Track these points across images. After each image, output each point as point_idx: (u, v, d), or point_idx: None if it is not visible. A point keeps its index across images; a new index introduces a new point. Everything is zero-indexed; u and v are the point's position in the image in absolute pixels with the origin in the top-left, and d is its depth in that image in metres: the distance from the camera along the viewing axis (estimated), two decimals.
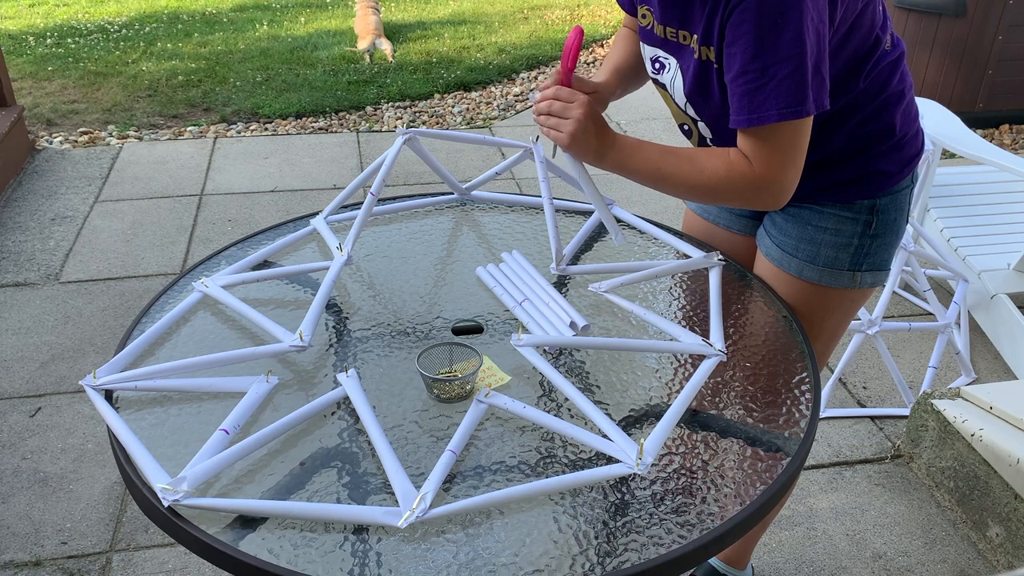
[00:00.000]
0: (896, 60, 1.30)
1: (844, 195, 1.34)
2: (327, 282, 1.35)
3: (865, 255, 1.38)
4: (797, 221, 1.39)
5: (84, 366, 2.58)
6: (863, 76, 1.26)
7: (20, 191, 3.67)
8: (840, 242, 1.36)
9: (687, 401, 1.15)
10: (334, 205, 1.60)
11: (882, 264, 1.40)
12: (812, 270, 1.39)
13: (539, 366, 1.20)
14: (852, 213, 1.35)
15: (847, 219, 1.35)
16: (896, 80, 1.30)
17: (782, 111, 1.13)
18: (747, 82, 1.14)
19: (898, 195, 1.36)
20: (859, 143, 1.31)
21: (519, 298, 1.37)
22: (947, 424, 2.10)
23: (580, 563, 0.95)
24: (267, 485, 1.04)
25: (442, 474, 1.03)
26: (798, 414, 1.17)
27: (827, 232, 1.37)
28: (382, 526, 0.99)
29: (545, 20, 6.34)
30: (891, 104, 1.30)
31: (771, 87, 1.12)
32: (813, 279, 1.40)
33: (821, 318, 1.43)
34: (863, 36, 1.23)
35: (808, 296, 1.41)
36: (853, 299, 1.42)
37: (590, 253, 1.55)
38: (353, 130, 4.40)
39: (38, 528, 2.03)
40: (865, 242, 1.36)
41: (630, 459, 1.06)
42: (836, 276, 1.39)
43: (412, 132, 1.56)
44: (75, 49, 5.58)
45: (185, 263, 3.16)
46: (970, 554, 1.98)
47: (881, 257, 1.39)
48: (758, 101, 1.13)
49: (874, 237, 1.36)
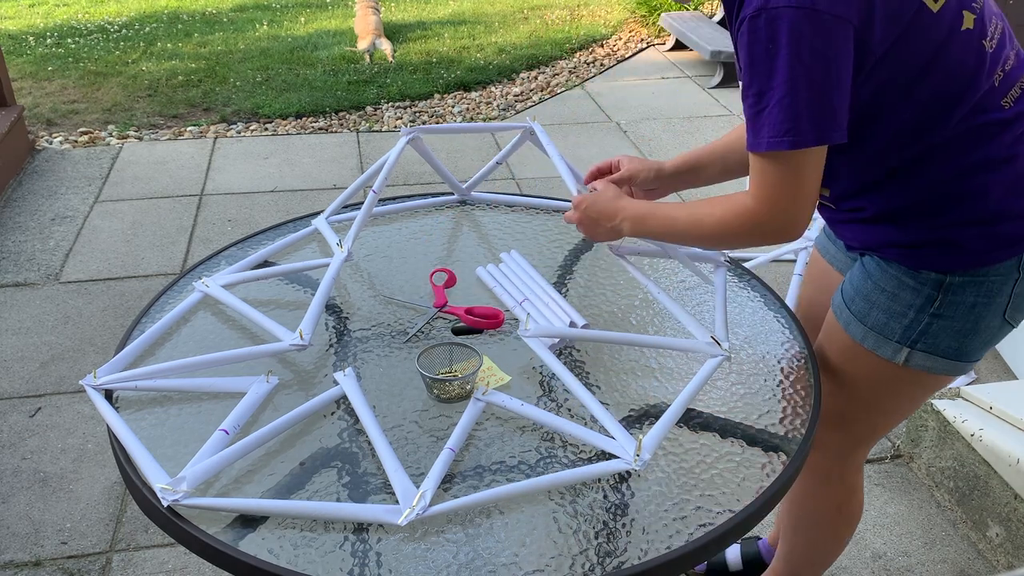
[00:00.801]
0: (1014, 120, 1.12)
1: (910, 259, 1.20)
2: (327, 279, 1.35)
3: (921, 333, 1.21)
4: (863, 272, 1.27)
5: (84, 366, 2.58)
6: (947, 126, 1.11)
7: (20, 191, 3.67)
8: (895, 309, 1.22)
9: (689, 399, 1.15)
10: (336, 205, 1.60)
11: (948, 352, 1.22)
12: (858, 328, 1.26)
13: (543, 357, 1.20)
14: (915, 282, 1.20)
15: (908, 287, 1.20)
16: (1008, 143, 1.12)
17: (771, 140, 1.06)
18: (749, 107, 1.09)
19: (985, 281, 1.17)
20: (934, 204, 1.16)
21: (519, 298, 1.37)
22: (947, 424, 2.10)
23: (580, 563, 0.95)
24: (267, 485, 1.04)
25: (441, 471, 1.03)
26: (798, 414, 1.17)
27: (884, 294, 1.23)
28: (382, 524, 0.99)
29: (545, 20, 6.34)
30: (990, 170, 1.13)
31: (765, 114, 1.06)
32: (857, 337, 1.27)
33: (860, 383, 1.31)
34: (945, 80, 1.09)
35: (848, 352, 1.30)
36: (903, 378, 1.27)
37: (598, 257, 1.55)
38: (353, 130, 4.40)
39: (38, 528, 2.03)
40: (922, 318, 1.20)
41: (628, 455, 1.06)
42: (881, 344, 1.25)
43: (415, 131, 1.56)
44: (75, 49, 5.58)
45: (185, 263, 3.15)
46: (970, 554, 1.98)
47: (946, 343, 1.21)
48: (757, 127, 1.08)
49: (936, 316, 1.19)
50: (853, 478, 1.48)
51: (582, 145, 4.10)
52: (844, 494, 1.49)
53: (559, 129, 4.31)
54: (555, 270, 1.49)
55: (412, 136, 1.55)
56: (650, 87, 4.93)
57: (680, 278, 1.47)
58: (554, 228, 1.62)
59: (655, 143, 4.15)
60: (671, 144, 4.13)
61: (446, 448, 1.06)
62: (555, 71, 5.21)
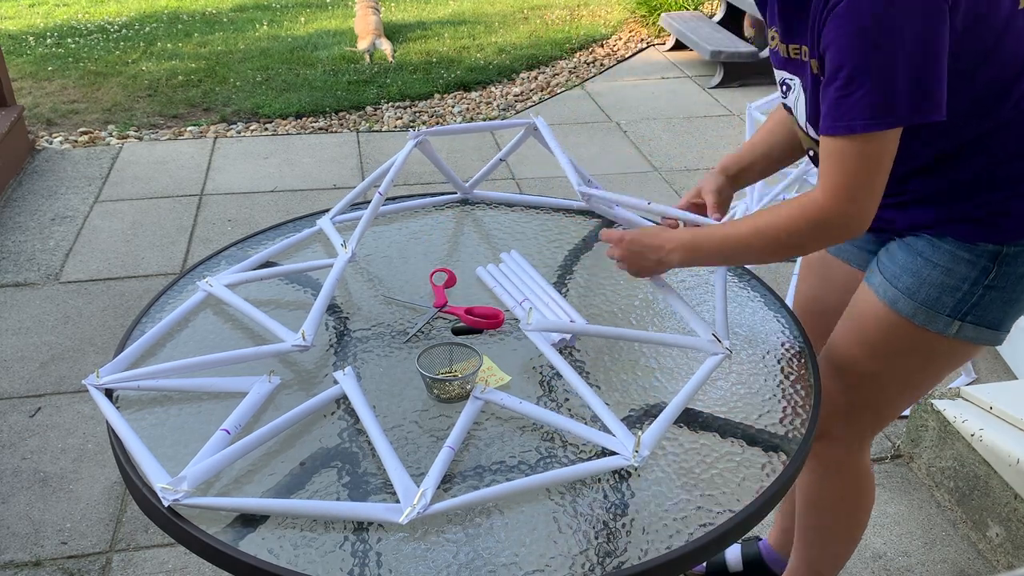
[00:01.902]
0: None
1: (968, 233, 1.22)
2: (330, 280, 1.35)
3: (973, 305, 1.24)
4: (910, 251, 1.28)
5: (84, 366, 2.58)
6: (1011, 102, 1.14)
7: (20, 191, 3.67)
8: (948, 283, 1.24)
9: (689, 397, 1.15)
10: (342, 205, 1.60)
11: (993, 322, 1.25)
12: (907, 304, 1.27)
13: (545, 351, 1.21)
14: (971, 255, 1.22)
15: (964, 260, 1.22)
16: None
17: (866, 122, 1.06)
18: (836, 90, 1.08)
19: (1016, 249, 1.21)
20: (997, 178, 1.19)
21: (519, 298, 1.38)
22: (947, 424, 2.10)
23: (580, 563, 0.95)
24: (267, 485, 1.04)
25: (441, 469, 1.03)
26: (798, 414, 1.17)
27: (937, 269, 1.24)
28: (383, 523, 0.99)
29: (545, 20, 6.34)
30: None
31: (857, 96, 1.06)
32: (906, 313, 1.27)
33: (902, 357, 1.32)
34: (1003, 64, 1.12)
35: (894, 330, 1.30)
36: (945, 350, 1.29)
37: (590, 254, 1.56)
38: (353, 130, 4.40)
39: (38, 528, 2.03)
40: (977, 290, 1.23)
41: (627, 451, 1.06)
42: (932, 318, 1.26)
43: (423, 134, 1.56)
44: (75, 49, 5.58)
45: (185, 263, 3.15)
46: (970, 554, 1.98)
47: (993, 314, 1.24)
48: (844, 110, 1.07)
49: (990, 288, 1.22)
50: (865, 460, 1.50)
51: (582, 145, 4.10)
52: (861, 477, 1.50)
53: (559, 129, 4.31)
54: (555, 270, 1.49)
55: (420, 139, 1.56)
56: (650, 87, 4.93)
57: (680, 277, 1.47)
58: (554, 228, 1.63)
59: (655, 143, 4.15)
60: (671, 144, 4.13)
61: (445, 447, 1.06)
62: (555, 71, 5.21)
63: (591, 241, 1.59)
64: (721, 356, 1.23)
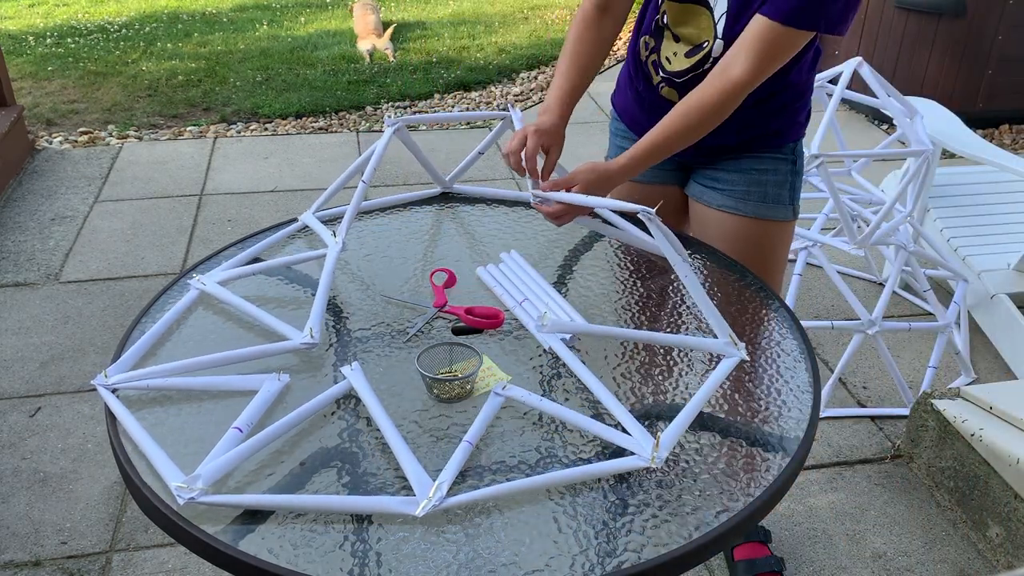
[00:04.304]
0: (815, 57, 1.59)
1: (777, 141, 1.61)
2: (327, 273, 1.35)
3: (793, 188, 1.65)
4: (740, 171, 1.62)
5: (84, 366, 2.58)
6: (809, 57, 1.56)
7: (20, 191, 3.67)
8: (779, 180, 1.62)
9: (705, 398, 1.16)
10: (323, 200, 1.61)
11: (796, 198, 1.68)
12: (765, 208, 1.62)
13: (560, 352, 1.21)
14: (783, 154, 1.62)
15: (781, 160, 1.62)
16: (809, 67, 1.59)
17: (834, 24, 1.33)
18: None
19: (800, 141, 1.67)
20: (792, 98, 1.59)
21: (519, 298, 1.37)
22: (947, 424, 2.10)
23: (580, 563, 0.95)
24: (276, 482, 1.04)
25: (459, 464, 1.03)
26: (798, 414, 1.17)
27: (768, 173, 1.62)
28: (400, 515, 0.99)
29: (545, 20, 6.34)
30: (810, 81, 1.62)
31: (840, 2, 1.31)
32: (767, 216, 1.63)
33: (777, 252, 1.67)
34: None
35: (764, 232, 1.64)
36: (790, 231, 1.69)
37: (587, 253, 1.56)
38: (353, 130, 4.40)
39: (38, 528, 2.03)
40: (793, 178, 1.64)
41: (645, 452, 1.06)
42: (782, 211, 1.64)
43: (400, 121, 1.57)
44: (75, 49, 5.58)
45: (185, 263, 3.16)
46: (970, 554, 1.98)
47: (800, 191, 1.68)
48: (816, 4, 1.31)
49: (797, 174, 1.65)
50: None
51: (582, 145, 4.10)
52: None
53: None
54: (555, 270, 1.49)
55: (398, 126, 1.56)
56: None
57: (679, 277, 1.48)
58: (554, 228, 1.62)
59: None
60: None
61: (464, 441, 1.06)
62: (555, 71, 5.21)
63: (591, 241, 1.59)
64: (737, 358, 1.24)
